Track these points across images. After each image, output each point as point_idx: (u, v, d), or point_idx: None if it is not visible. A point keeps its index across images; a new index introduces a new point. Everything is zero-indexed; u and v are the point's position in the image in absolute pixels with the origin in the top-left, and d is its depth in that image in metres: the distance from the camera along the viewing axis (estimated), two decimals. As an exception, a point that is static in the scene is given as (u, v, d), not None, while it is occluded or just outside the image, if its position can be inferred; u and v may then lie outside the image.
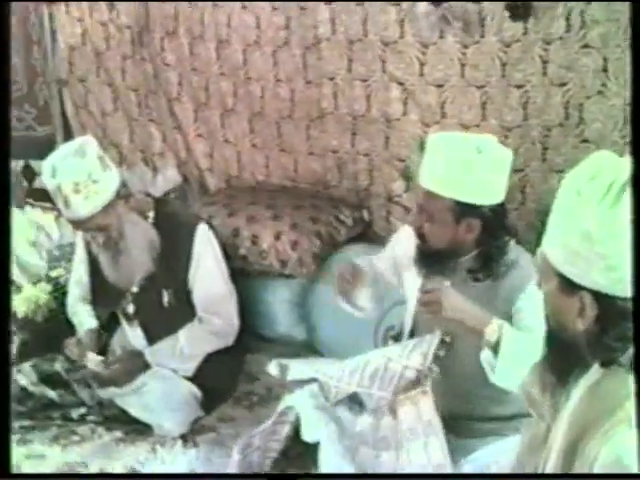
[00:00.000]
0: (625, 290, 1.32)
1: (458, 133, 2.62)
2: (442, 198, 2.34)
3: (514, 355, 2.14)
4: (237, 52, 3.75)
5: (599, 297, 1.39)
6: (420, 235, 2.45)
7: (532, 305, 2.14)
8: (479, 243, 2.41)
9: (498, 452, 2.29)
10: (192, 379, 3.11)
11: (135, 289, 3.13)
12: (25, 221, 4.16)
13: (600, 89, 2.89)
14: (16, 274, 3.61)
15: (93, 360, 3.07)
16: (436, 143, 2.42)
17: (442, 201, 2.35)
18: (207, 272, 3.14)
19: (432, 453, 2.26)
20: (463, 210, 2.34)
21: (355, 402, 2.51)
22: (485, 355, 2.21)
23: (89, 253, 3.21)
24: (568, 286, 1.43)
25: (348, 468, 2.33)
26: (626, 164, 1.35)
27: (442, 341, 2.31)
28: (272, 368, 2.80)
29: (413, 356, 2.35)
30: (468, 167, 2.30)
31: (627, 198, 1.32)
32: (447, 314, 2.24)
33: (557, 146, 3.04)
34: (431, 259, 2.45)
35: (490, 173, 2.33)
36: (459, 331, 2.30)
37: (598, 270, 1.37)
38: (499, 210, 2.40)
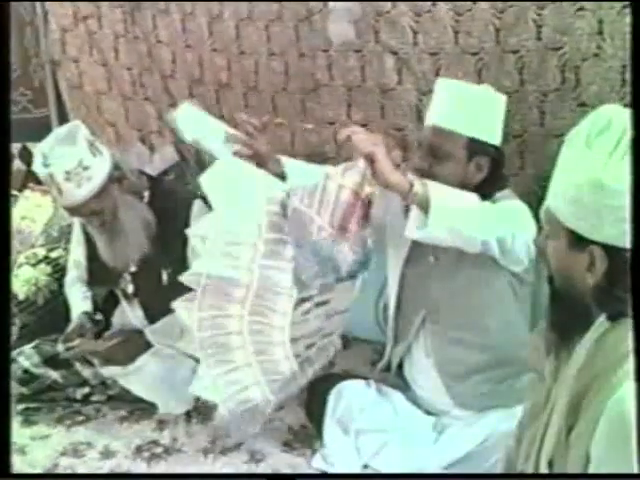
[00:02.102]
0: None
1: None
2: (457, 135, 2.43)
3: (445, 206, 2.18)
4: (230, 27, 3.70)
5: (608, 250, 1.41)
6: (424, 177, 2.42)
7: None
8: (482, 185, 2.48)
9: (500, 421, 2.29)
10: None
11: (134, 269, 3.13)
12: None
13: (596, 51, 2.85)
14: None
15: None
16: (445, 84, 2.55)
17: (457, 138, 2.43)
18: (204, 247, 3.13)
19: None
20: (476, 147, 2.44)
21: None
22: (413, 214, 2.23)
23: (86, 235, 3.21)
24: (578, 242, 1.44)
25: None
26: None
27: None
28: None
29: (348, 175, 2.29)
30: (479, 105, 2.44)
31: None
32: (378, 180, 2.21)
33: (555, 110, 3.00)
34: None
35: (494, 113, 2.49)
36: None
37: (609, 222, 1.38)
38: (502, 151, 2.53)
